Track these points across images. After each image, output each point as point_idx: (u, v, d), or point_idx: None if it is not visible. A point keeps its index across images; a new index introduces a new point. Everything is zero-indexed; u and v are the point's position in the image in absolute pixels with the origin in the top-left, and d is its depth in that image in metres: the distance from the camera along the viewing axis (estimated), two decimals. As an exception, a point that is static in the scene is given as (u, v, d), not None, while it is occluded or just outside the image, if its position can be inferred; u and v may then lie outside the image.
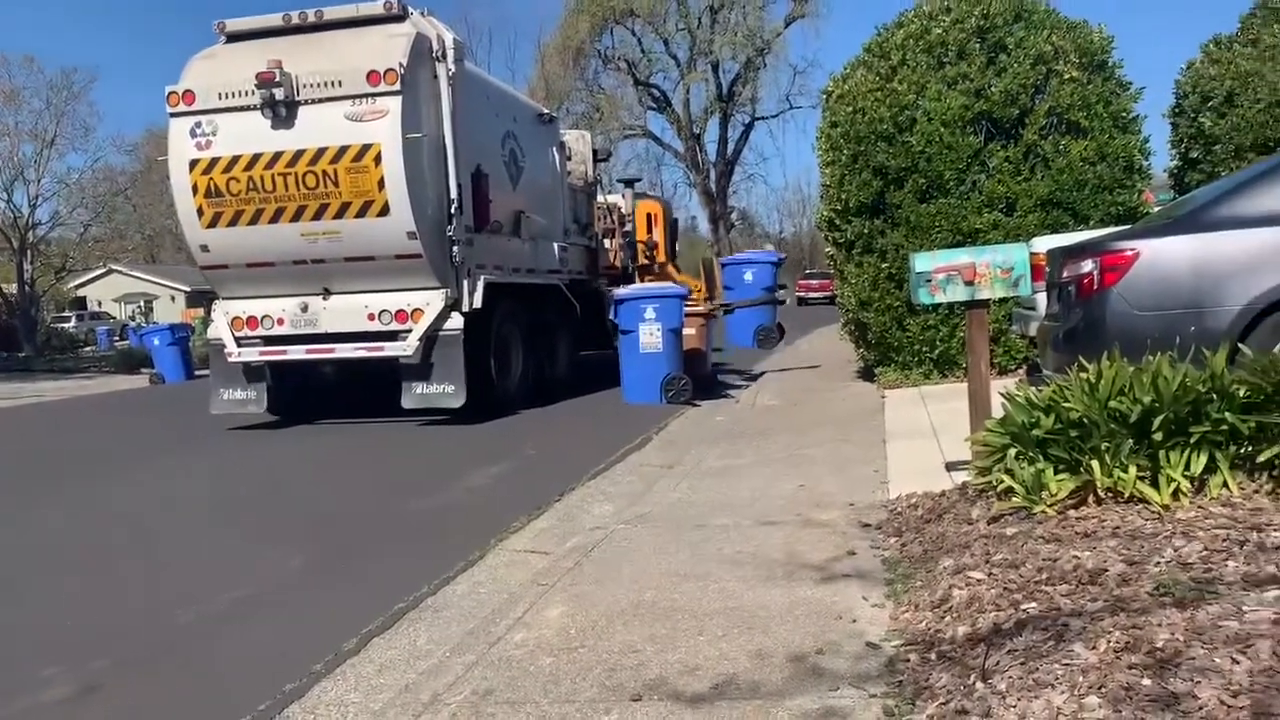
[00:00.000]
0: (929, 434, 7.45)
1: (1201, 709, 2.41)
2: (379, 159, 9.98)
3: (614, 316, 11.71)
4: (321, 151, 10.08)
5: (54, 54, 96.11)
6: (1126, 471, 4.15)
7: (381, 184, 10.01)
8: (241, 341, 11.02)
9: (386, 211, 10.10)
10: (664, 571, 4.76)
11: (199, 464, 9.53)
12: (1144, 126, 10.36)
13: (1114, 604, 3.15)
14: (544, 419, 11.26)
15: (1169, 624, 2.87)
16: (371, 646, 4.11)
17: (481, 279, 10.83)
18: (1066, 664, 2.78)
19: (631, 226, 16.09)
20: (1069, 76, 10.16)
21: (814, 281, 46.38)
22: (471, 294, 10.72)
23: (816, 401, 11.03)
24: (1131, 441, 4.20)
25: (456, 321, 10.56)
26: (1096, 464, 4.20)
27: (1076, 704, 2.56)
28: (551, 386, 12.97)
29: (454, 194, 10.53)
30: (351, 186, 10.07)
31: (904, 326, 10.61)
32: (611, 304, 12.00)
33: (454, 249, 10.56)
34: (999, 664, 2.96)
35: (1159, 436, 4.13)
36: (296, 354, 10.94)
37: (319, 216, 10.27)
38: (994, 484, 4.62)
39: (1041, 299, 7.55)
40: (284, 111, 10.17)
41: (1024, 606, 3.34)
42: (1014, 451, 4.51)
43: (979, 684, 2.89)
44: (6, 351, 33.86)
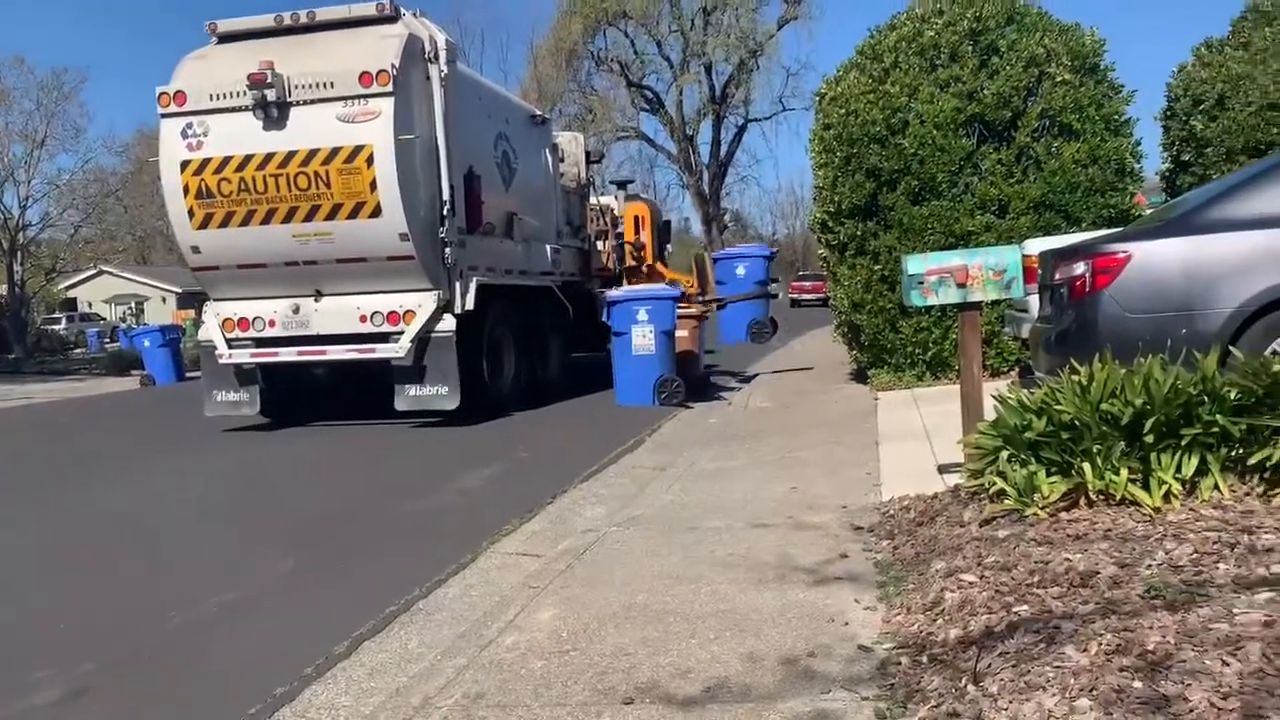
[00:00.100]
0: (921, 436, 7.46)
1: (1192, 711, 2.41)
2: (371, 160, 9.96)
3: (606, 318, 11.71)
4: (313, 153, 10.06)
5: (44, 54, 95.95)
6: (1118, 474, 4.16)
7: (373, 185, 9.99)
8: (232, 343, 10.99)
9: (378, 213, 10.08)
10: (656, 574, 4.76)
11: (190, 466, 9.50)
12: (1136, 129, 10.41)
13: (1105, 606, 3.15)
14: (536, 421, 11.25)
15: (1160, 626, 2.88)
16: (363, 650, 4.10)
17: (474, 280, 10.82)
18: (1058, 666, 2.78)
19: (605, 228, 16.04)
20: (1061, 79, 10.18)
21: (807, 283, 46.34)
22: (464, 295, 10.70)
23: (809, 404, 11.04)
24: (1123, 444, 4.21)
25: (449, 323, 10.54)
26: (1088, 466, 4.20)
27: (1068, 706, 2.56)
28: (544, 388, 12.95)
29: (446, 195, 10.51)
30: (343, 188, 10.05)
31: (897, 329, 10.63)
32: (604, 306, 11.99)
33: (446, 250, 10.54)
34: (991, 666, 2.96)
35: (1150, 439, 4.14)
36: (288, 356, 10.90)
37: (311, 218, 10.24)
38: (986, 486, 4.63)
39: (1034, 301, 7.55)
40: (276, 112, 10.15)
41: (1016, 609, 3.35)
42: (1006, 454, 4.52)
43: (971, 686, 2.89)
44: (-4, 353, 33.75)
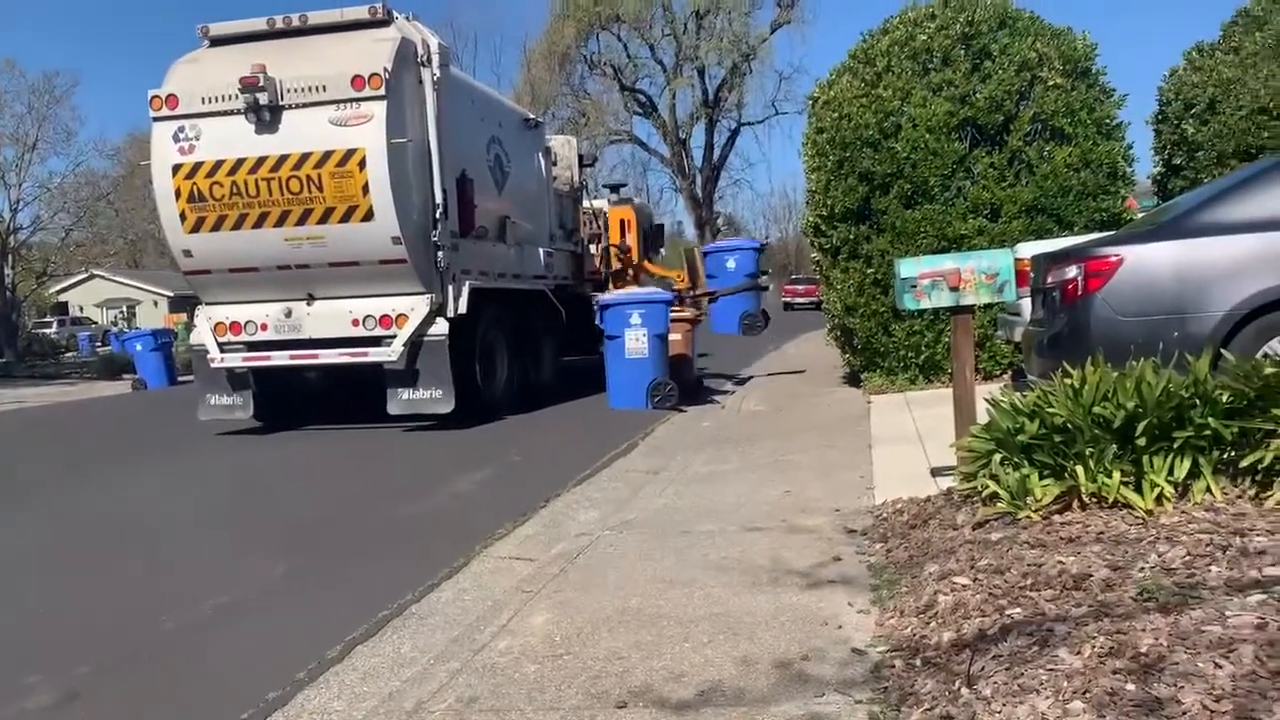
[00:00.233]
0: (914, 439, 7.47)
1: (1185, 714, 2.41)
2: (363, 164, 9.94)
3: (600, 322, 11.71)
4: (306, 156, 10.04)
5: (36, 58, 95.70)
6: (1110, 477, 4.16)
7: (366, 189, 9.98)
8: (225, 347, 10.96)
9: (371, 216, 10.06)
10: (649, 578, 4.75)
11: (183, 470, 9.47)
12: (1127, 133, 10.45)
13: (1098, 609, 3.15)
14: (529, 424, 11.24)
15: (1153, 629, 2.88)
16: (355, 654, 4.09)
17: (466, 284, 10.81)
18: (1051, 669, 2.78)
19: (599, 232, 16.01)
20: (1053, 83, 10.21)
21: (800, 287, 46.35)
22: (456, 299, 10.69)
23: (802, 407, 11.04)
24: (1115, 447, 4.21)
25: (441, 327, 10.53)
26: (1081, 469, 4.21)
27: (1061, 709, 2.56)
28: (537, 392, 12.94)
29: (439, 199, 10.51)
30: (336, 191, 10.03)
31: (889, 332, 10.64)
32: (597, 309, 11.99)
33: (439, 254, 10.53)
34: (984, 669, 2.97)
35: (1143, 442, 4.15)
36: (280, 359, 10.88)
37: (303, 221, 10.22)
38: (979, 489, 4.63)
39: (1026, 304, 7.57)
40: (268, 116, 10.13)
41: (1009, 612, 3.35)
42: (999, 457, 4.53)
43: (964, 690, 2.89)
44: (-13, 357, 33.65)
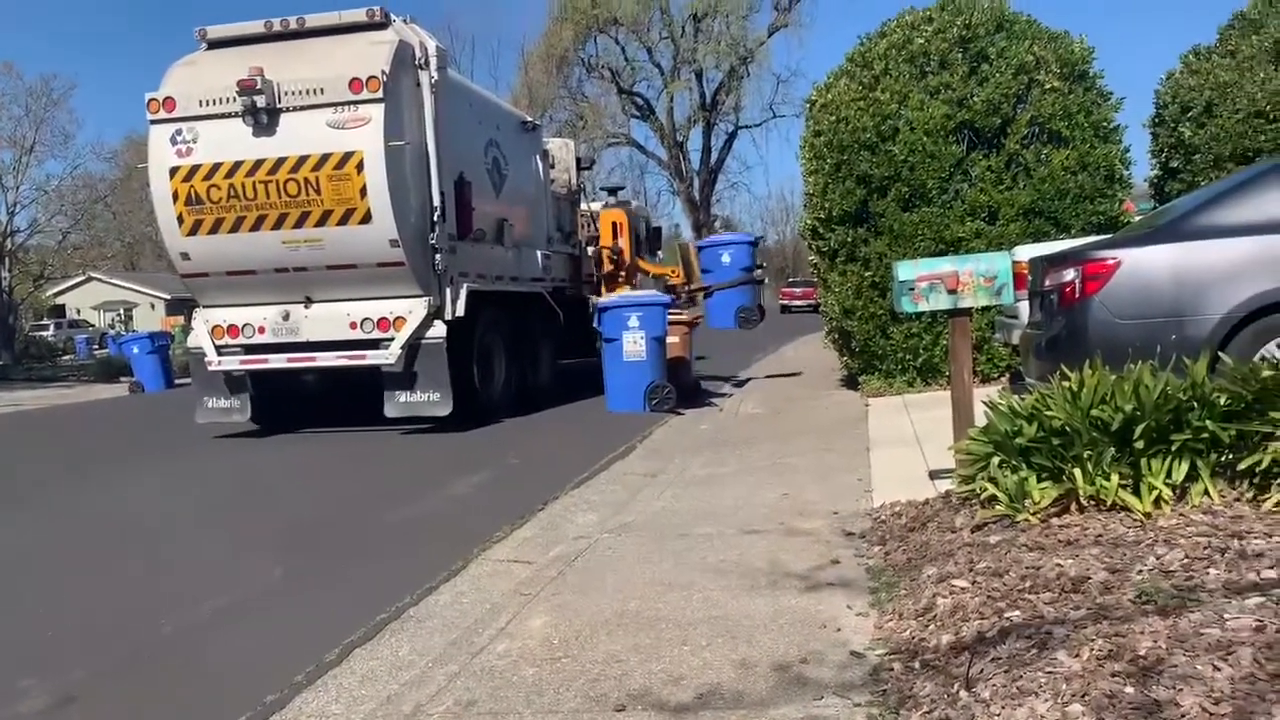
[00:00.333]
0: (912, 442, 7.47)
1: (1184, 716, 2.42)
2: (361, 167, 9.94)
3: (598, 324, 11.70)
4: (303, 159, 10.04)
5: (33, 61, 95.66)
6: (1109, 479, 4.16)
7: (364, 192, 9.98)
8: (222, 350, 10.96)
9: (369, 219, 10.06)
10: (648, 581, 4.75)
11: (180, 473, 9.46)
12: (1124, 136, 10.48)
13: (1097, 612, 3.15)
14: (527, 427, 11.23)
15: (1151, 632, 2.88)
16: (353, 657, 4.08)
17: (464, 287, 10.81)
18: (1050, 672, 2.78)
19: (596, 234, 15.98)
20: (1050, 86, 10.23)
21: (797, 290, 46.43)
22: (454, 302, 10.69)
23: (800, 410, 11.05)
24: (1113, 450, 4.22)
25: (439, 329, 10.53)
26: (1079, 472, 4.21)
27: (1060, 712, 2.56)
28: (535, 394, 12.94)
29: (437, 202, 10.51)
30: (333, 194, 10.03)
31: (887, 335, 10.65)
32: (595, 311, 11.98)
33: (436, 257, 10.53)
34: (983, 672, 2.96)
35: (1141, 445, 4.15)
36: (278, 362, 10.88)
37: (301, 224, 10.22)
38: (977, 492, 4.63)
39: (1024, 307, 7.58)
40: (265, 119, 10.13)
41: (1007, 615, 3.35)
42: (997, 460, 4.53)
43: (963, 692, 2.89)
44: (-16, 360, 33.60)
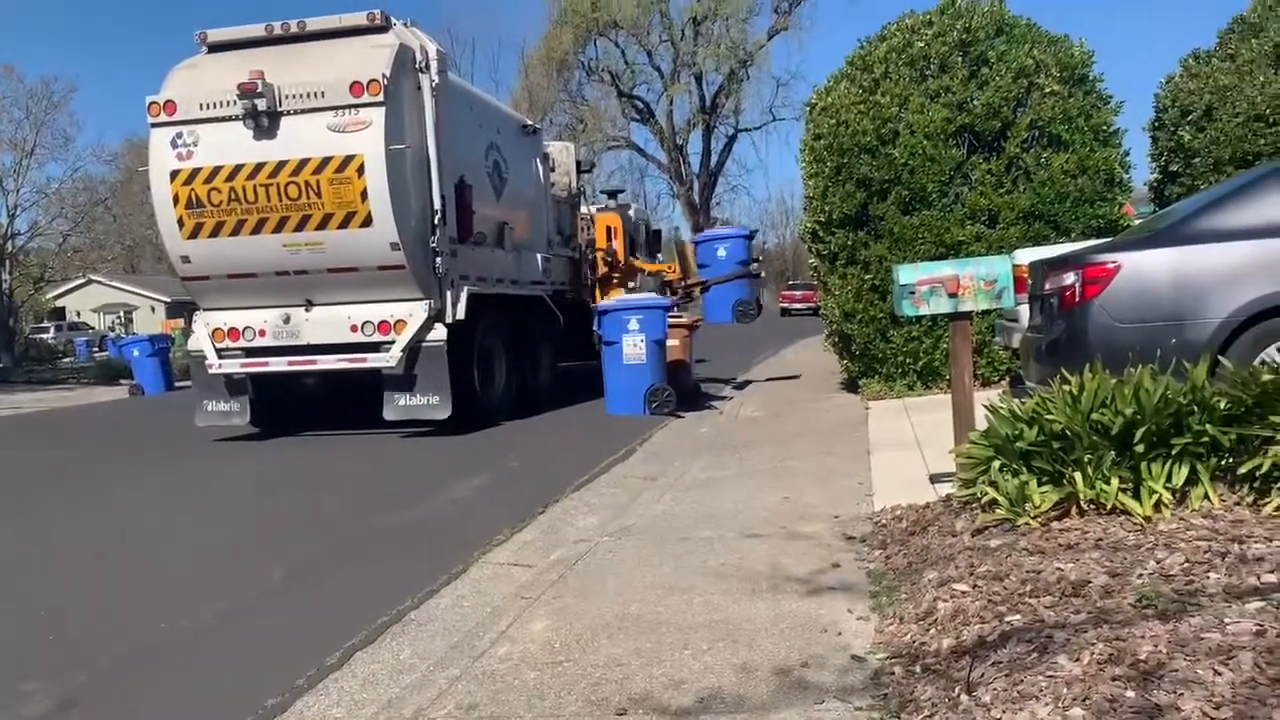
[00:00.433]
0: (913, 446, 7.47)
1: (1185, 721, 2.42)
2: (362, 170, 9.95)
3: (598, 327, 11.71)
4: (304, 162, 10.05)
5: (34, 63, 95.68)
6: (1109, 483, 4.17)
7: (364, 195, 9.98)
8: (222, 353, 10.96)
9: (369, 222, 10.07)
10: (648, 584, 4.75)
11: (180, 476, 9.46)
12: (1124, 140, 10.47)
13: (1097, 616, 3.15)
14: (527, 430, 11.23)
15: (1152, 636, 2.88)
16: (355, 660, 4.08)
17: (465, 290, 10.81)
18: (1051, 676, 2.78)
19: (591, 238, 15.97)
20: (1050, 90, 10.24)
21: (797, 293, 46.41)
22: (455, 305, 10.69)
23: (800, 413, 11.05)
24: (1114, 453, 4.22)
25: (440, 333, 10.53)
26: (1079, 476, 4.22)
27: (1060, 716, 2.56)
28: (535, 397, 12.95)
29: (437, 205, 10.51)
30: (334, 198, 10.04)
31: (887, 338, 10.65)
32: (595, 315, 11.98)
33: (437, 260, 10.54)
34: (984, 676, 2.97)
35: (1141, 448, 4.15)
36: (278, 366, 10.88)
37: (301, 228, 10.23)
38: (978, 496, 4.63)
39: (1024, 311, 7.58)
40: (266, 122, 10.14)
41: (1008, 619, 3.35)
42: (998, 464, 4.53)
43: (964, 696, 2.89)
44: (-16, 363, 33.61)
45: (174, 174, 10.41)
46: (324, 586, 5.41)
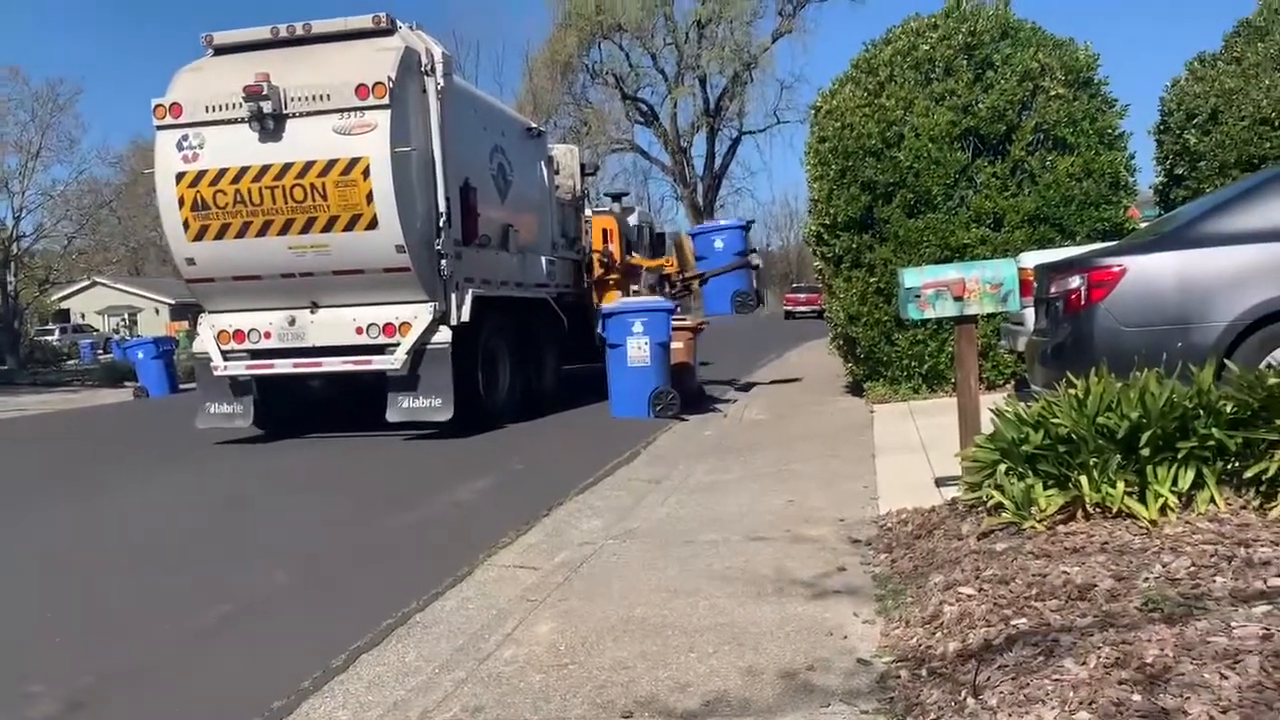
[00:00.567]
0: (918, 449, 7.47)
1: (1192, 725, 2.42)
2: (367, 172, 9.96)
3: (602, 330, 11.71)
4: (309, 165, 10.06)
5: (40, 65, 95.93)
6: (1115, 487, 4.17)
7: (370, 197, 10.00)
8: (228, 355, 10.97)
9: (375, 225, 10.08)
10: (653, 587, 4.75)
11: (184, 478, 9.46)
12: (1130, 143, 10.45)
13: (1103, 620, 3.15)
14: (531, 433, 11.24)
15: (1158, 640, 2.88)
16: (360, 663, 4.08)
17: (469, 292, 10.82)
18: (1057, 680, 2.78)
19: (588, 241, 15.95)
20: (1055, 93, 10.23)
21: (801, 295, 46.37)
22: (459, 307, 10.70)
23: (805, 416, 11.04)
24: (1119, 457, 4.22)
25: (444, 335, 10.54)
26: (1085, 480, 4.21)
27: (1067, 719, 2.57)
28: (539, 400, 12.95)
29: (442, 207, 10.52)
30: (340, 200, 10.05)
31: (892, 341, 10.64)
32: (599, 317, 11.99)
33: (442, 262, 10.55)
34: (990, 680, 2.97)
35: (1147, 452, 4.15)
36: (283, 368, 10.89)
37: (307, 230, 10.24)
38: (984, 500, 4.63)
39: (1029, 314, 7.58)
40: (272, 124, 10.15)
41: (1014, 622, 3.35)
42: (1004, 467, 4.53)
43: (970, 700, 2.89)
44: (-11, 365, 33.69)
45: (180, 176, 10.43)
46: (328, 588, 5.41)
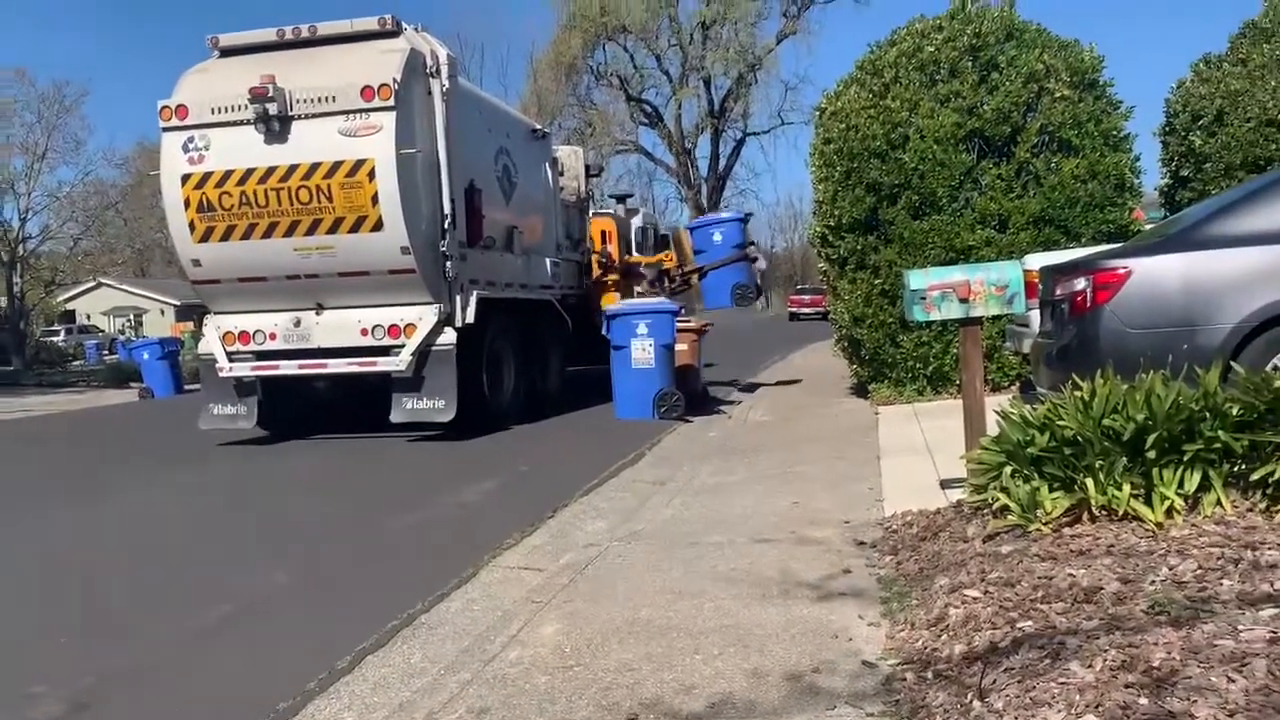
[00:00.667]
0: (923, 451, 7.46)
1: (1199, 729, 2.41)
2: (373, 174, 9.97)
3: (606, 332, 11.71)
4: (315, 166, 10.07)
5: (46, 67, 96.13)
6: (1121, 489, 4.16)
7: (375, 199, 10.01)
8: (233, 356, 10.98)
9: (380, 227, 10.09)
10: (658, 589, 4.75)
11: (188, 480, 9.47)
12: (1135, 145, 10.47)
13: (1110, 622, 3.15)
14: (536, 434, 11.24)
15: (1165, 643, 2.88)
16: (365, 664, 4.09)
17: (474, 294, 10.83)
18: (1063, 682, 2.78)
19: (588, 243, 15.92)
20: (1060, 95, 10.23)
21: (806, 297, 46.30)
22: (464, 309, 10.71)
23: (810, 418, 11.04)
24: (1125, 459, 4.21)
25: (449, 336, 10.54)
26: (1091, 482, 4.21)
27: (1074, 723, 2.56)
28: (543, 401, 12.95)
29: (447, 209, 10.53)
30: (345, 202, 10.07)
31: (897, 343, 10.64)
32: (603, 319, 11.99)
33: (447, 264, 10.55)
34: (996, 682, 2.96)
35: (1153, 454, 4.15)
36: (289, 369, 10.90)
37: (312, 231, 10.25)
38: (989, 502, 4.63)
39: (1035, 316, 7.57)
40: (277, 126, 10.16)
41: (1020, 625, 3.34)
42: (1009, 469, 4.52)
43: (976, 703, 2.89)
44: (-5, 365, 33.77)
45: (185, 178, 10.44)
46: (333, 589, 5.42)
